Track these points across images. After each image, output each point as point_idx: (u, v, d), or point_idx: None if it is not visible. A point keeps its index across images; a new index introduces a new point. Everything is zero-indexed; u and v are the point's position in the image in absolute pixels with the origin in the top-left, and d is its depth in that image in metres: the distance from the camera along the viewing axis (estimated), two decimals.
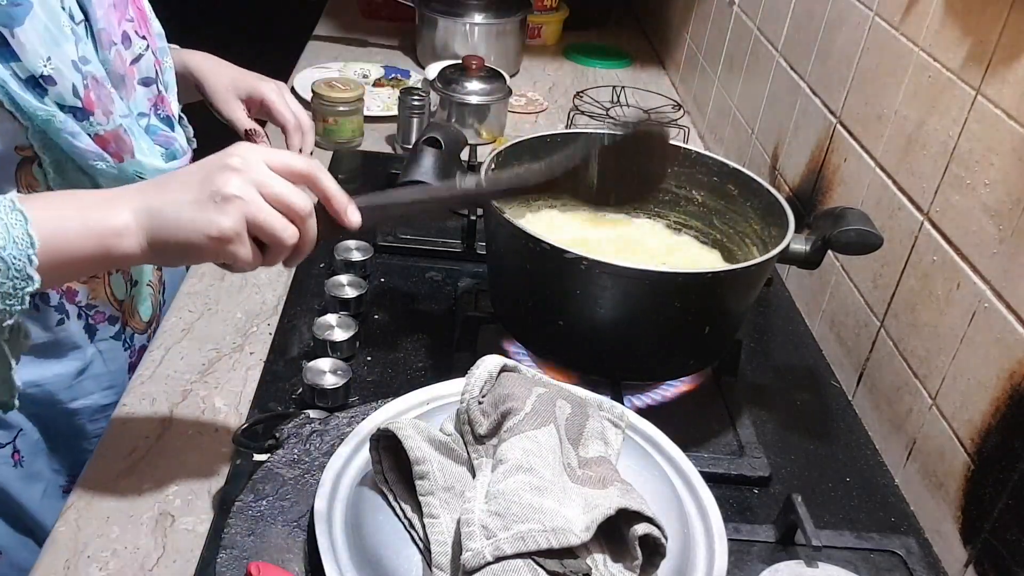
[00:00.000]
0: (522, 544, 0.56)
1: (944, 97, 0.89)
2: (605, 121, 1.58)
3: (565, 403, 0.69)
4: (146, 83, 0.91)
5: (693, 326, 0.87)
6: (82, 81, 0.80)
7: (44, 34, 0.76)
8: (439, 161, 0.86)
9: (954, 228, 0.86)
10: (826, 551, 0.77)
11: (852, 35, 1.09)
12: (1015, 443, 0.75)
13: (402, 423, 0.65)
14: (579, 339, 0.88)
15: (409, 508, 0.63)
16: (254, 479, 0.71)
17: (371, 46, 1.89)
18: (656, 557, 0.60)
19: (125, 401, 0.90)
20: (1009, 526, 0.75)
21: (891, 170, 0.99)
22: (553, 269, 0.83)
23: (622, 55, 1.97)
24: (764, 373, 1.04)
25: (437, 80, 1.51)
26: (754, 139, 1.40)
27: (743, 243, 0.98)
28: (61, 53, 0.78)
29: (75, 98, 0.79)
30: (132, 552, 0.74)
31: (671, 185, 1.03)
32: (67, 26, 0.80)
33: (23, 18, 0.75)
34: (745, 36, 1.47)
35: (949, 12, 0.89)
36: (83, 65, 0.80)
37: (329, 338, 0.94)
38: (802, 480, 0.89)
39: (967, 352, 0.82)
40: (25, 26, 0.75)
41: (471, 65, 1.50)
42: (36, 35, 0.76)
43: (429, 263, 1.16)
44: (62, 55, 0.78)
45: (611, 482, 0.63)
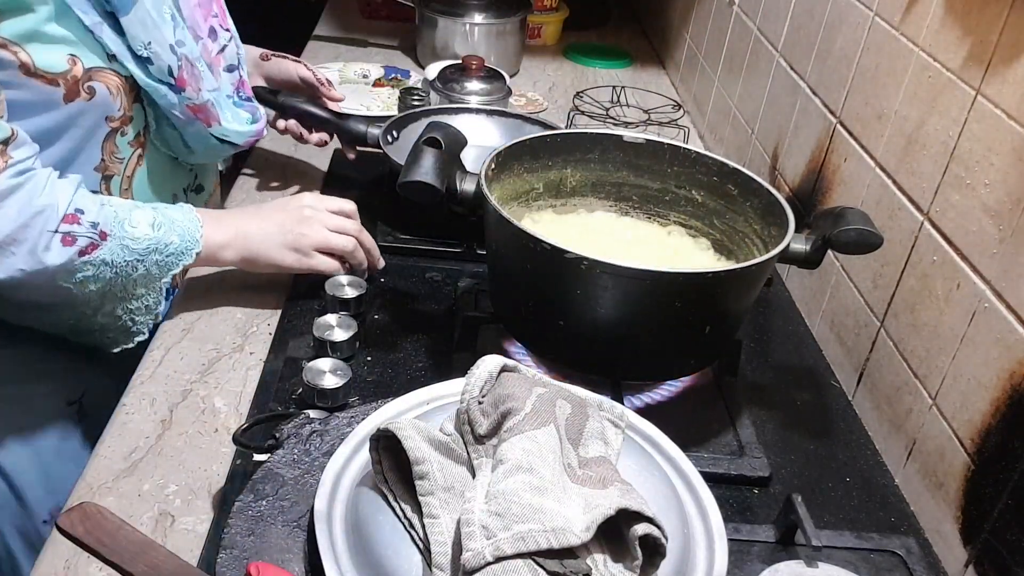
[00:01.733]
0: (522, 544, 0.56)
1: (944, 97, 0.89)
2: (605, 121, 1.58)
3: (565, 403, 0.69)
4: (230, 69, 1.09)
5: (693, 326, 0.87)
6: (176, 63, 0.97)
7: (147, 20, 0.93)
8: (439, 161, 0.86)
9: (954, 228, 0.86)
10: (826, 551, 0.77)
11: (852, 35, 1.09)
12: (1015, 443, 0.75)
13: (402, 423, 0.65)
14: (579, 339, 0.88)
15: (409, 508, 0.63)
16: (254, 479, 0.71)
17: (371, 46, 1.89)
18: (656, 557, 0.60)
19: (125, 401, 0.90)
20: (1009, 526, 0.75)
21: (891, 170, 0.99)
22: (553, 269, 0.83)
23: (622, 55, 1.97)
24: (764, 373, 1.04)
25: (437, 80, 1.51)
26: (754, 139, 1.40)
27: (743, 243, 0.98)
28: (160, 37, 0.95)
29: (170, 77, 0.97)
30: None
31: (671, 185, 1.03)
32: (168, 13, 0.97)
33: (129, 8, 0.92)
34: (745, 36, 1.47)
35: (949, 12, 0.89)
36: (179, 48, 0.98)
37: (329, 338, 0.94)
38: (802, 480, 0.89)
39: (967, 352, 0.82)
40: (131, 16, 0.92)
41: (471, 65, 1.50)
42: (139, 22, 0.93)
43: (429, 263, 1.16)
44: (161, 39, 0.95)
45: (611, 482, 0.63)
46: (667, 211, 1.04)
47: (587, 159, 1.03)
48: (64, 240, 0.87)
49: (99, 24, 0.91)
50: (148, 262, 0.92)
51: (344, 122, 1.26)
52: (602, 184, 1.05)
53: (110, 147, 0.98)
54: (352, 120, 1.26)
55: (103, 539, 0.61)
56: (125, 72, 0.95)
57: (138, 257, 0.92)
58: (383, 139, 1.22)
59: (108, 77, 0.94)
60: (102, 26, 0.91)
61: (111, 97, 0.94)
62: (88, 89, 0.92)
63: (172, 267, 0.94)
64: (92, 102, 0.93)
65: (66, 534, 0.62)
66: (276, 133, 1.43)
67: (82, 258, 0.89)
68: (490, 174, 0.92)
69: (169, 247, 0.93)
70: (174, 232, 0.93)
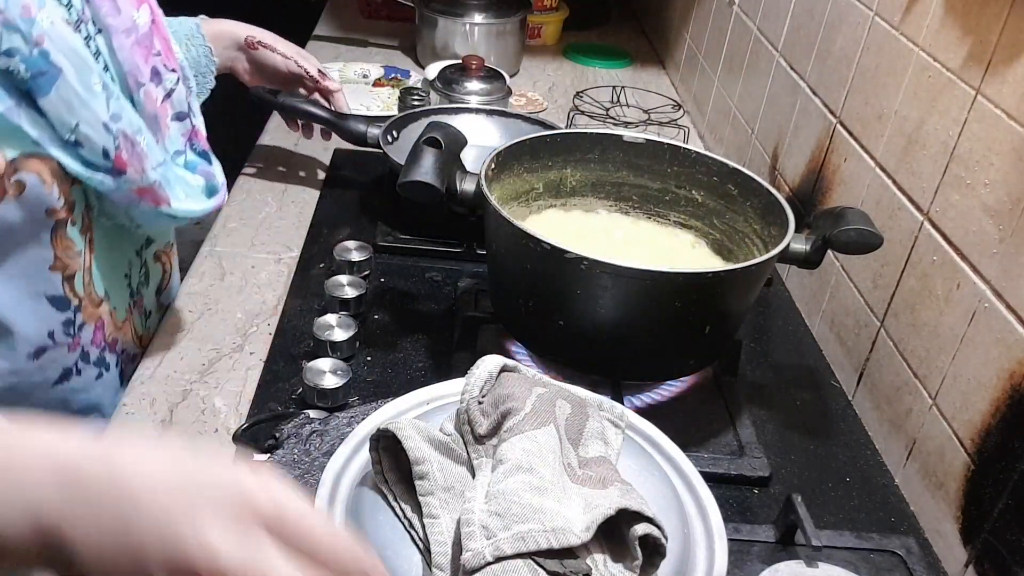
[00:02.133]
0: (522, 544, 0.56)
1: (944, 97, 0.89)
2: (605, 121, 1.58)
3: (565, 403, 0.69)
4: (179, 118, 0.89)
5: (693, 326, 0.87)
6: (113, 143, 0.78)
7: (72, 99, 0.74)
8: (439, 161, 0.86)
9: (954, 228, 0.86)
10: (826, 551, 0.77)
11: (852, 35, 1.09)
12: (1015, 443, 0.75)
13: (402, 423, 0.65)
14: (579, 339, 0.88)
15: (409, 508, 0.63)
16: None
17: (371, 46, 1.89)
18: (656, 557, 0.60)
19: (125, 401, 0.90)
20: (1009, 526, 0.75)
21: (891, 170, 0.99)
22: (553, 269, 0.83)
23: (622, 55, 1.97)
24: (764, 373, 1.04)
25: (437, 80, 1.51)
26: (754, 139, 1.40)
27: (743, 243, 0.98)
28: (90, 116, 0.76)
29: (106, 160, 0.78)
30: None
31: (671, 185, 1.03)
32: (98, 84, 0.77)
33: (49, 88, 0.73)
34: (745, 36, 1.47)
35: (949, 12, 0.89)
36: (114, 123, 0.78)
37: (329, 338, 0.94)
38: (802, 480, 0.89)
39: (967, 352, 0.82)
40: (51, 95, 0.73)
41: (471, 65, 1.50)
42: (62, 103, 0.74)
43: (429, 263, 1.16)
44: (91, 118, 0.76)
45: (611, 482, 0.63)
46: (667, 211, 1.04)
47: (587, 159, 1.03)
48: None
49: (14, 108, 0.72)
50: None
51: (344, 122, 1.26)
52: (602, 184, 1.05)
53: (62, 242, 0.81)
54: (352, 120, 1.26)
55: None
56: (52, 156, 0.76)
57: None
58: (383, 139, 1.22)
59: (37, 165, 0.75)
60: (19, 110, 0.72)
61: (45, 187, 0.76)
62: (16, 184, 0.74)
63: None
64: (23, 197, 0.75)
65: None
66: (275, 127, 1.42)
67: None
68: (490, 174, 0.92)
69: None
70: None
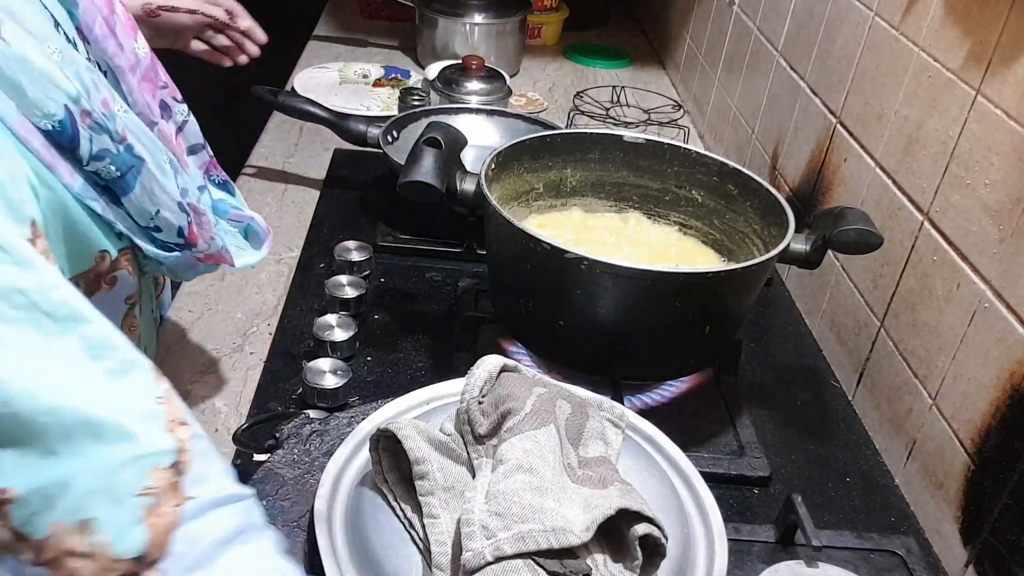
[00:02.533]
0: (522, 544, 0.56)
1: (944, 97, 0.89)
2: (605, 121, 1.58)
3: (565, 403, 0.69)
4: (194, 151, 0.85)
5: (693, 326, 0.87)
6: (186, 220, 0.76)
7: (154, 187, 0.72)
8: (439, 161, 0.86)
9: (954, 228, 0.86)
10: (826, 551, 0.77)
11: (852, 35, 1.09)
12: (1015, 443, 0.75)
13: (402, 423, 0.65)
14: (579, 339, 0.88)
15: (409, 508, 0.63)
16: (254, 479, 0.70)
17: (371, 46, 1.89)
18: (656, 557, 0.60)
19: None
20: (1009, 526, 0.75)
21: (891, 170, 0.99)
22: (553, 269, 0.83)
23: (622, 55, 1.97)
24: (764, 373, 1.04)
25: (437, 80, 1.51)
26: (754, 139, 1.40)
27: (743, 243, 0.98)
28: (167, 199, 0.73)
29: (180, 238, 0.76)
30: None
31: (671, 185, 1.03)
32: (166, 160, 0.74)
33: (135, 182, 0.70)
34: (745, 36, 1.47)
35: (949, 12, 0.89)
36: (184, 199, 0.76)
37: (329, 338, 0.94)
38: (802, 480, 0.89)
39: (967, 352, 0.82)
40: (136, 189, 0.70)
41: (471, 65, 1.50)
42: (145, 194, 0.71)
43: (429, 263, 1.16)
44: (168, 201, 0.73)
45: (611, 482, 0.63)
46: (667, 211, 1.04)
47: (587, 159, 1.03)
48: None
49: (107, 207, 0.70)
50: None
51: (344, 122, 1.26)
52: (602, 184, 1.05)
53: (130, 323, 0.79)
54: (352, 120, 1.26)
55: None
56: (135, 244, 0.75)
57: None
58: (383, 139, 1.22)
59: (126, 258, 0.75)
60: (107, 208, 0.70)
61: (131, 277, 0.75)
62: (110, 280, 0.73)
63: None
64: (114, 290, 0.74)
65: None
66: (275, 127, 1.43)
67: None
68: (490, 174, 0.92)
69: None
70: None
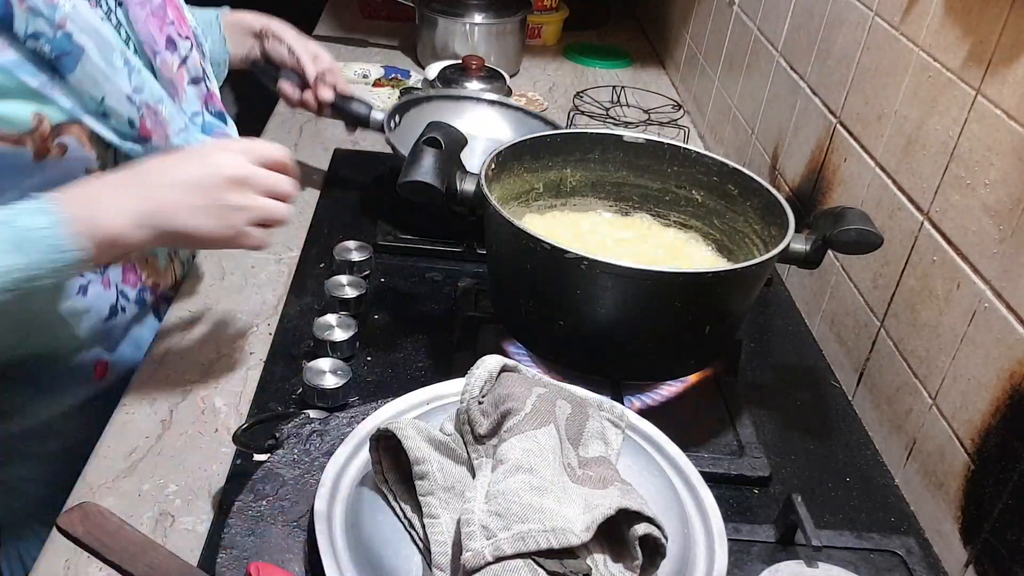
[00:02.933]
0: (522, 544, 0.56)
1: (944, 97, 0.89)
2: (605, 121, 1.58)
3: (565, 403, 0.69)
4: (195, 82, 0.95)
5: (693, 326, 0.87)
6: (137, 113, 0.85)
7: (96, 75, 0.80)
8: (439, 161, 0.86)
9: (954, 228, 0.86)
10: (826, 551, 0.77)
11: (852, 35, 1.09)
12: (1015, 443, 0.75)
13: (402, 423, 0.65)
14: (579, 339, 0.88)
15: (409, 508, 0.63)
16: (254, 479, 0.71)
17: (371, 46, 1.89)
18: (656, 557, 0.60)
19: (125, 401, 0.90)
20: (1009, 526, 0.75)
21: (891, 170, 0.99)
22: (553, 269, 0.83)
23: (622, 55, 1.97)
24: (764, 373, 1.04)
25: (437, 80, 1.51)
26: (754, 139, 1.40)
27: (743, 243, 0.98)
28: (114, 90, 0.82)
29: (132, 129, 0.85)
30: None
31: (671, 185, 1.03)
32: (120, 60, 0.82)
33: (74, 65, 0.79)
34: (745, 36, 1.47)
35: (949, 12, 0.89)
36: (137, 95, 0.84)
37: (329, 338, 0.94)
38: (802, 480, 0.89)
39: (967, 352, 0.82)
40: (76, 73, 0.79)
41: (471, 65, 1.50)
42: (88, 79, 0.80)
43: (429, 263, 1.16)
44: (115, 91, 0.82)
45: (611, 482, 0.63)
46: (667, 211, 1.04)
47: (587, 159, 1.03)
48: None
49: (47, 84, 0.78)
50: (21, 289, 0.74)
51: (346, 104, 1.26)
52: (602, 184, 1.05)
53: None
54: (355, 103, 1.26)
55: (103, 539, 0.61)
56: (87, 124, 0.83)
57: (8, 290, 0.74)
58: (387, 124, 1.22)
59: (76, 130, 0.82)
60: (51, 85, 0.78)
61: (84, 149, 0.83)
62: (59, 146, 0.81)
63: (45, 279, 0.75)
64: (66, 158, 0.82)
65: (66, 534, 0.62)
66: (275, 127, 1.43)
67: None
68: (490, 174, 0.92)
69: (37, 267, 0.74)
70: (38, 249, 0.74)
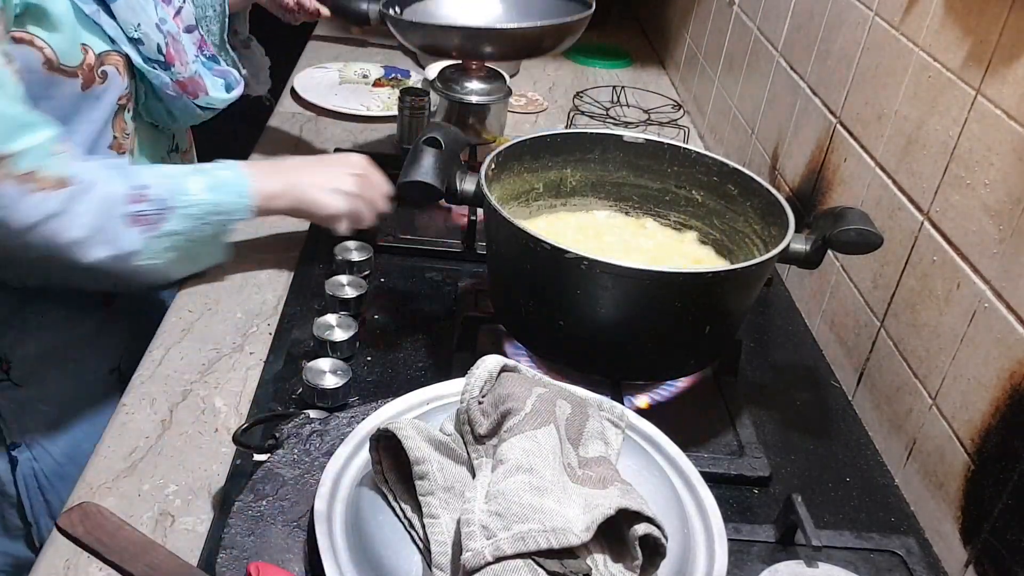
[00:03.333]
0: (522, 544, 0.56)
1: (944, 97, 0.89)
2: (605, 121, 1.58)
3: (565, 403, 0.69)
4: (189, 30, 1.08)
5: (693, 326, 0.87)
6: (164, 40, 1.00)
7: (134, 4, 0.97)
8: (439, 161, 0.86)
9: (954, 228, 0.86)
10: (826, 551, 0.77)
11: (852, 35, 1.09)
12: (1015, 443, 0.75)
13: (402, 423, 0.65)
14: (579, 339, 0.88)
15: (409, 508, 0.63)
16: (254, 479, 0.71)
17: (371, 46, 1.89)
18: (656, 557, 0.60)
19: (125, 401, 0.90)
20: (1009, 526, 0.75)
21: (891, 170, 0.99)
22: (553, 269, 0.83)
23: (622, 55, 1.97)
24: (764, 373, 1.04)
25: (437, 80, 1.51)
26: (754, 139, 1.40)
27: (743, 243, 0.98)
28: (147, 18, 0.98)
29: (159, 55, 1.01)
30: None
31: (671, 185, 1.03)
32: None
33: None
34: (745, 36, 1.47)
35: (949, 12, 0.89)
36: (163, 25, 1.00)
37: (329, 338, 0.94)
38: (802, 480, 0.89)
39: (967, 352, 0.82)
40: (119, 1, 0.95)
41: (471, 65, 1.49)
42: (128, 7, 0.96)
43: (429, 263, 1.16)
44: (148, 19, 0.99)
45: (611, 482, 0.63)
46: (667, 211, 1.04)
47: (587, 159, 1.03)
48: (135, 221, 0.92)
49: (97, 11, 0.94)
50: (211, 223, 0.98)
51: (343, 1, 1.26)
52: (602, 184, 1.05)
53: (120, 124, 1.02)
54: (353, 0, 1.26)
55: (103, 539, 0.61)
56: (123, 52, 0.98)
57: (202, 221, 0.97)
58: (384, 10, 1.22)
59: (114, 58, 0.97)
60: (99, 13, 0.94)
61: (120, 77, 0.98)
62: (101, 74, 0.96)
63: (230, 224, 1.00)
64: (106, 85, 0.97)
65: (66, 534, 0.62)
66: (275, 127, 1.42)
67: (153, 235, 0.94)
68: (490, 174, 0.92)
69: (225, 206, 0.98)
70: (229, 192, 0.99)
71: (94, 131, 0.99)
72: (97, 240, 0.91)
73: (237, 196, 0.99)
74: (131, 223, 0.92)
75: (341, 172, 1.06)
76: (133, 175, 0.95)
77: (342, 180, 1.05)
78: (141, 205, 0.93)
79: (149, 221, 0.93)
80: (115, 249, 0.92)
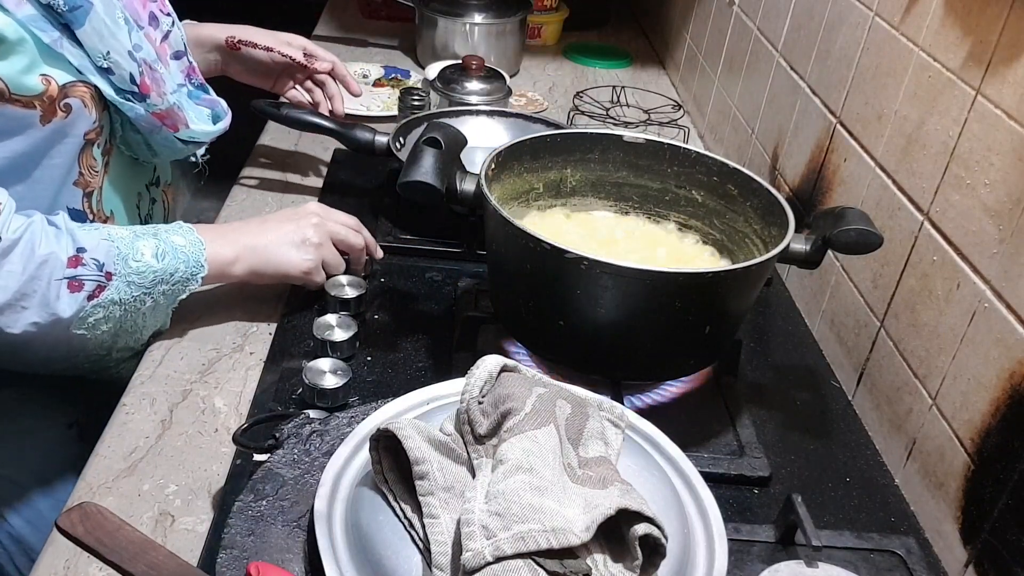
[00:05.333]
0: (522, 544, 0.56)
1: (944, 97, 0.89)
2: (605, 121, 1.58)
3: (565, 403, 0.69)
4: (177, 56, 1.04)
5: (693, 326, 0.87)
6: (137, 69, 0.93)
7: (102, 30, 0.89)
8: (439, 161, 0.86)
9: (954, 228, 0.86)
10: (826, 551, 0.77)
11: (852, 35, 1.09)
12: (1015, 443, 0.75)
13: (402, 423, 0.65)
14: (579, 339, 0.88)
15: (409, 508, 0.63)
16: (254, 479, 0.71)
17: (371, 46, 1.89)
18: (656, 557, 0.60)
19: (125, 401, 0.90)
20: (1009, 526, 0.75)
21: (891, 170, 0.99)
22: (553, 269, 0.83)
23: (622, 55, 1.97)
24: (764, 373, 1.04)
25: (437, 80, 1.51)
26: (754, 139, 1.40)
27: (743, 243, 0.98)
28: (118, 45, 0.91)
29: (132, 84, 0.93)
30: None
31: (671, 185, 1.03)
32: (120, 17, 0.92)
33: (83, 20, 0.87)
34: (745, 36, 1.47)
35: (949, 12, 0.89)
36: (137, 52, 0.93)
37: (329, 338, 0.94)
38: (802, 480, 0.89)
39: (967, 352, 0.82)
40: (86, 28, 0.87)
41: (471, 65, 1.49)
42: (95, 33, 0.88)
43: (429, 263, 1.16)
44: (118, 47, 0.91)
45: (611, 482, 0.63)
46: (667, 211, 1.04)
47: (587, 159, 1.03)
48: (71, 286, 0.85)
49: (59, 40, 0.87)
50: (155, 293, 0.91)
51: (350, 132, 1.25)
52: (602, 184, 1.05)
53: (87, 160, 0.95)
54: (358, 130, 1.25)
55: (103, 539, 0.61)
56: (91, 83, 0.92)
57: (145, 291, 0.90)
58: (392, 146, 1.22)
59: (80, 90, 0.91)
60: (62, 41, 0.87)
61: (86, 110, 0.92)
62: (64, 107, 0.89)
63: (179, 294, 0.93)
64: (70, 119, 0.90)
65: (66, 534, 0.62)
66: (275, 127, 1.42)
67: (91, 302, 0.87)
68: (490, 174, 0.92)
69: (175, 275, 0.91)
70: (178, 259, 0.91)
71: (57, 167, 0.93)
72: (25, 301, 0.83)
73: (187, 265, 0.92)
74: (67, 288, 0.85)
75: (299, 224, 0.99)
76: (75, 235, 0.87)
77: (303, 231, 0.99)
78: (79, 270, 0.85)
79: (88, 288, 0.86)
80: (46, 314, 0.84)
